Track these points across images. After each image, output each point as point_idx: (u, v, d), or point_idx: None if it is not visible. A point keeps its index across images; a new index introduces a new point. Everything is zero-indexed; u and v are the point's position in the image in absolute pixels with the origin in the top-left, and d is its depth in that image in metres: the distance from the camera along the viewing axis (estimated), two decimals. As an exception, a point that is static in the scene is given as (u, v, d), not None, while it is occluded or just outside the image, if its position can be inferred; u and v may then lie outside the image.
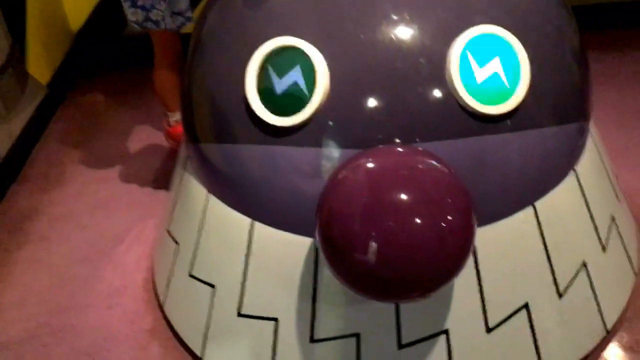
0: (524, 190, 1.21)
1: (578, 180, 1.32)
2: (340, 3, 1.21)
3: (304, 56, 1.14)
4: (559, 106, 1.25)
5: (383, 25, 1.17)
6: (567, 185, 1.28)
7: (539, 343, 1.23)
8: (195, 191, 1.40)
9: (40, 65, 2.63)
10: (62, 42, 2.85)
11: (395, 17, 1.17)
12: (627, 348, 1.37)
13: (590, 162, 1.37)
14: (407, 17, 1.17)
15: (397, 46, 1.14)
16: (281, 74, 1.15)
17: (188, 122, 1.41)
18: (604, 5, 2.78)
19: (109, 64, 2.96)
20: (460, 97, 1.12)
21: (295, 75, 1.14)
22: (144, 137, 2.45)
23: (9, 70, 2.38)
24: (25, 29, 2.55)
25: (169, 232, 1.53)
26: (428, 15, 1.18)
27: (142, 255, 1.83)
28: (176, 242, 1.48)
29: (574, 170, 1.31)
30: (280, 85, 1.15)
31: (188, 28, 1.87)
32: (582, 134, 1.35)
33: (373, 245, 0.96)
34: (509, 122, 1.15)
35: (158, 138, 2.39)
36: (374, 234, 0.96)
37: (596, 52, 2.17)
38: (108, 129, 2.56)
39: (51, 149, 2.45)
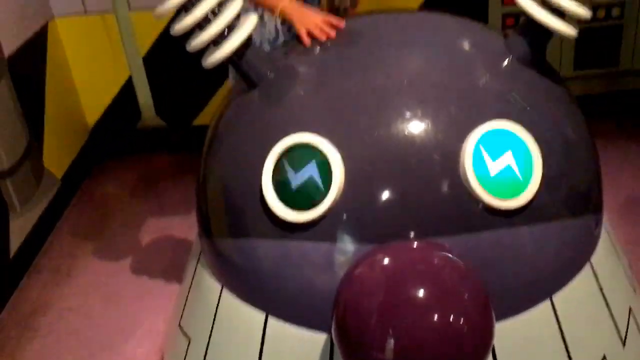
0: (541, 283, 1.19)
1: (594, 272, 1.31)
2: (355, 99, 1.24)
3: (320, 152, 1.16)
4: (572, 198, 1.26)
5: (397, 120, 1.19)
6: (584, 277, 1.27)
7: None
8: (208, 285, 1.39)
9: (55, 159, 2.68)
10: (78, 136, 2.92)
11: (409, 113, 1.20)
12: None
13: (605, 253, 1.36)
14: (421, 113, 1.20)
15: (411, 141, 1.16)
16: (297, 168, 1.17)
17: (202, 215, 1.42)
18: (611, 94, 2.85)
19: (121, 155, 3.02)
20: (474, 191, 1.13)
21: (311, 170, 1.16)
22: (155, 229, 2.46)
23: (25, 164, 2.42)
24: (44, 124, 2.62)
25: (180, 327, 1.51)
26: (441, 111, 1.21)
27: (152, 350, 1.80)
28: (188, 337, 1.46)
29: (590, 262, 1.30)
30: (296, 180, 1.16)
31: (203, 120, 1.91)
32: (597, 224, 1.35)
33: (390, 342, 0.95)
34: (523, 215, 1.15)
35: (169, 230, 2.40)
36: (391, 330, 0.95)
37: (603, 140, 2.20)
38: (120, 220, 2.58)
39: (63, 241, 2.47)
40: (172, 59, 2.61)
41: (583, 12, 1.26)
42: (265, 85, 1.31)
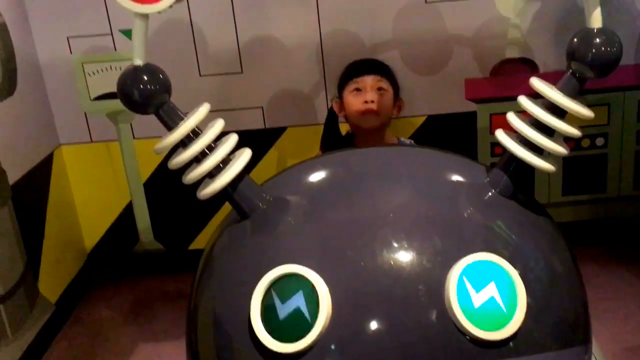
0: (532, 416, 1.18)
1: (586, 404, 1.29)
2: (343, 231, 1.28)
3: (307, 283, 1.18)
4: (559, 329, 1.27)
5: (383, 252, 1.23)
6: (576, 410, 1.26)
7: None
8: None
9: (51, 284, 2.69)
10: (75, 261, 2.94)
11: (394, 245, 1.24)
12: None
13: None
14: (406, 245, 1.24)
15: (397, 273, 1.19)
16: (285, 299, 1.19)
17: (191, 343, 1.42)
18: (600, 220, 2.90)
19: (116, 278, 3.03)
20: (460, 323, 1.14)
21: (298, 301, 1.17)
22: (148, 355, 2.43)
23: (20, 289, 2.43)
24: (42, 250, 2.65)
25: None
26: (426, 243, 1.25)
27: None
28: None
29: (581, 394, 1.29)
30: (283, 310, 1.18)
31: (200, 244, 1.95)
32: (586, 353, 1.35)
33: None
34: (509, 346, 1.16)
35: (162, 356, 2.37)
36: None
37: (594, 265, 2.23)
38: (111, 347, 2.55)
39: (53, 369, 2.43)
40: (171, 184, 2.68)
41: (561, 150, 1.32)
42: (257, 217, 1.35)
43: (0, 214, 2.34)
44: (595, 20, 1.30)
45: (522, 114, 1.36)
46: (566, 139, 1.35)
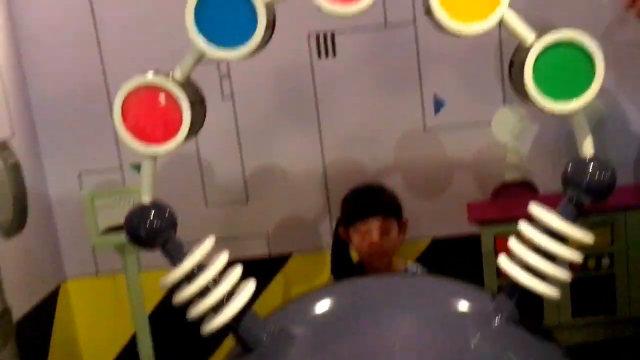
0: None
1: None
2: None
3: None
4: None
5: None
6: None
7: None
8: None
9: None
10: (76, 397, 2.86)
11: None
12: None
13: None
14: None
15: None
16: None
17: None
18: (612, 341, 2.83)
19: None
20: None
21: None
22: None
23: None
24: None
25: None
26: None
27: None
28: None
29: None
30: None
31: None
32: None
33: None
34: None
35: None
36: None
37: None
38: None
39: None
40: (176, 316, 2.65)
41: (564, 276, 1.33)
42: (261, 351, 1.34)
43: (1, 355, 2.31)
44: (587, 148, 1.35)
45: (525, 239, 1.37)
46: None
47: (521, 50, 1.35)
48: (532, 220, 1.37)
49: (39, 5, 2.71)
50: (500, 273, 2.83)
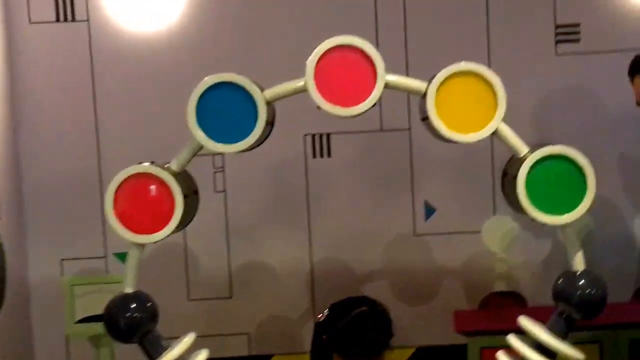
0: None
1: None
2: None
3: None
4: None
5: None
6: None
7: None
8: None
9: None
10: None
11: None
12: None
13: None
14: None
15: None
16: None
17: None
18: None
19: None
20: None
21: None
22: None
23: None
24: None
25: None
26: None
27: None
28: None
29: None
30: None
31: None
32: None
33: None
34: None
35: None
36: None
37: None
38: None
39: None
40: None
41: (578, 356, 1.29)
42: None
43: None
44: (578, 262, 1.35)
45: (513, 352, 1.34)
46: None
47: (514, 162, 1.37)
48: (521, 334, 1.35)
49: (40, 87, 2.74)
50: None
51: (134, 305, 1.30)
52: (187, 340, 1.32)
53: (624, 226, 2.76)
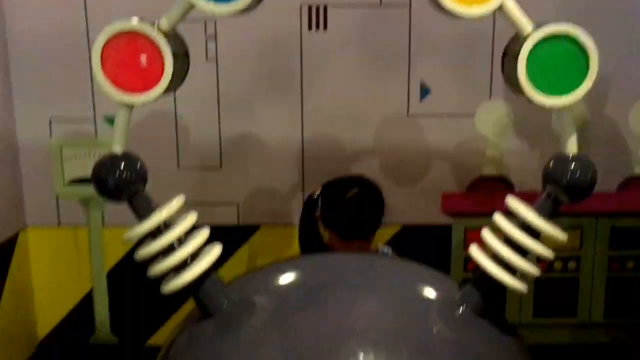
0: None
1: None
2: (308, 340, 1.24)
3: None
4: None
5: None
6: None
7: None
8: None
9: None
10: (23, 350, 2.81)
11: (361, 358, 1.19)
12: None
13: None
14: (373, 358, 1.20)
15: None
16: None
17: None
18: (573, 345, 2.86)
19: (69, 372, 2.88)
20: None
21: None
22: None
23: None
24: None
25: None
26: (394, 357, 1.21)
27: None
28: None
29: None
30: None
31: (157, 340, 1.88)
32: None
33: None
34: None
35: None
36: None
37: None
38: None
39: None
40: (135, 276, 2.61)
41: (534, 271, 1.32)
42: (221, 317, 1.30)
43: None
44: (571, 146, 1.33)
45: (498, 231, 1.36)
46: (538, 260, 1.34)
47: (516, 42, 1.32)
48: (507, 214, 1.36)
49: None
50: (467, 267, 2.84)
51: (122, 164, 1.28)
52: (176, 202, 1.31)
53: (619, 116, 2.75)
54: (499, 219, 1.35)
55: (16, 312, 2.73)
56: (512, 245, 1.32)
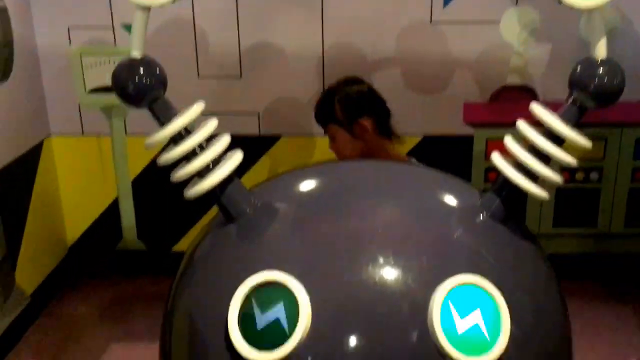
0: None
1: None
2: (330, 243, 1.25)
3: (288, 292, 1.15)
4: (542, 359, 1.24)
5: (369, 267, 1.20)
6: None
7: None
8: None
9: (28, 275, 2.65)
10: (55, 253, 2.90)
11: (381, 260, 1.21)
12: None
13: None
14: (393, 261, 1.21)
15: (381, 290, 1.16)
16: (264, 309, 1.16)
17: (165, 352, 1.38)
18: (592, 254, 2.89)
19: (96, 276, 2.99)
20: (442, 346, 1.11)
21: (278, 312, 1.14)
22: (121, 355, 2.39)
23: (-4, 279, 2.39)
24: (22, 239, 2.61)
25: None
26: (412, 262, 1.22)
27: None
28: None
29: None
30: (262, 320, 1.15)
31: (184, 246, 1.93)
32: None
33: None
34: (491, 374, 1.13)
35: (135, 358, 2.33)
36: None
37: (576, 300, 2.20)
38: (83, 344, 2.51)
39: (22, 361, 2.38)
40: (160, 183, 2.65)
41: (556, 178, 1.30)
42: (243, 221, 1.32)
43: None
44: (600, 50, 1.29)
45: (521, 140, 1.34)
46: (561, 170, 1.33)
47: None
48: (531, 122, 1.33)
49: None
50: (487, 178, 2.84)
51: (142, 69, 1.27)
52: (197, 107, 1.31)
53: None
54: (522, 126, 1.32)
55: (45, 218, 2.80)
56: (535, 153, 1.30)
